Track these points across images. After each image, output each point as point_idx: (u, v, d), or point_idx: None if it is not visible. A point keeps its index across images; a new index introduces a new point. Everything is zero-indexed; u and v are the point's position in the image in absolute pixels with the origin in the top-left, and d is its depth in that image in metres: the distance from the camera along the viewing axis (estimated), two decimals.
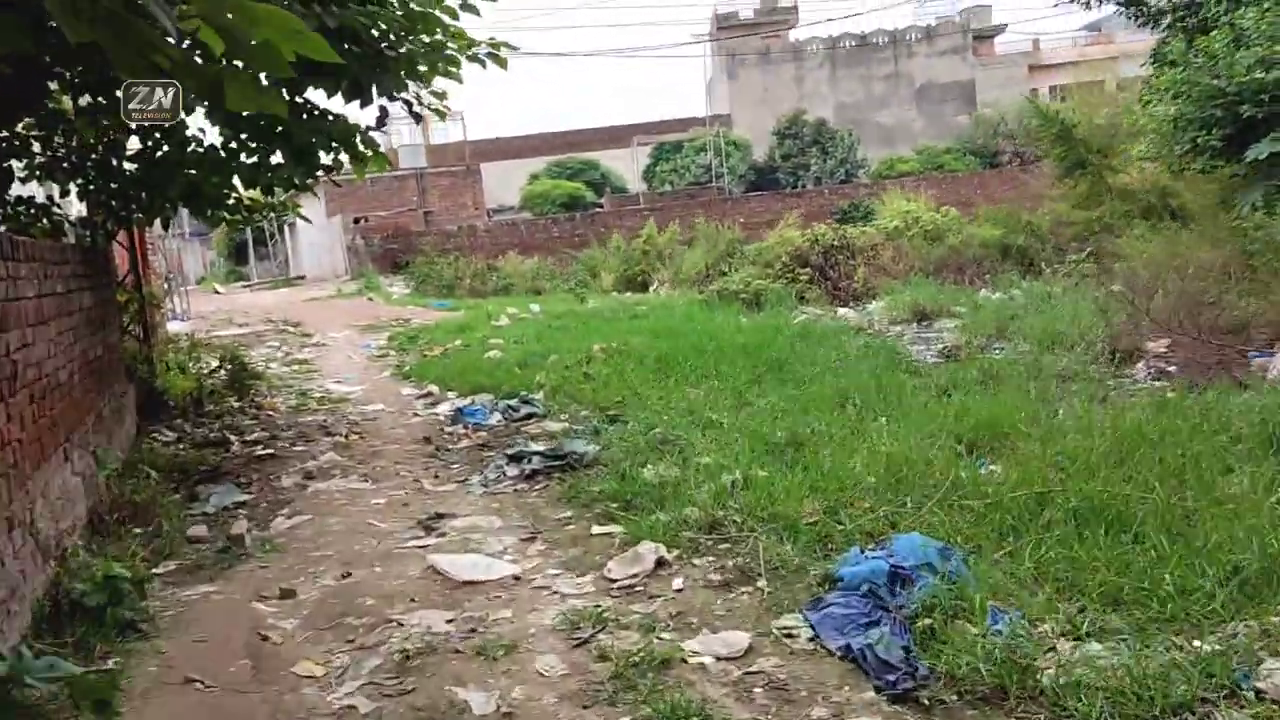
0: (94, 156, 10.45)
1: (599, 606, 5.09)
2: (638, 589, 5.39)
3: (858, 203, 37.90)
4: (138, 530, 6.85)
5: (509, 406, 10.52)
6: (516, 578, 5.72)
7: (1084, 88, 54.72)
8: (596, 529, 6.38)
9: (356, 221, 39.37)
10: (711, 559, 5.68)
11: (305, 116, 8.95)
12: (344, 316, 21.39)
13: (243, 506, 7.74)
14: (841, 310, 15.08)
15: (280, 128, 8.64)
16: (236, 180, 10.11)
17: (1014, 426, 7.00)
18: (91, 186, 10.82)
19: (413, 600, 5.46)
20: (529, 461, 8.00)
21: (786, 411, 8.28)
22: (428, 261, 28.26)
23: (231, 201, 10.96)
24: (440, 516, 7.05)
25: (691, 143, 47.31)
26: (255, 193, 10.99)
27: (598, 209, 42.12)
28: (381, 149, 9.61)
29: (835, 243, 16.58)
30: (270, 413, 11.73)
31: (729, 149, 46.26)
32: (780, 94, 53.62)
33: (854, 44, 54.09)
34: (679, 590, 5.31)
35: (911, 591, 4.59)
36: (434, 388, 12.43)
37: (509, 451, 8.44)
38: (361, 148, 9.01)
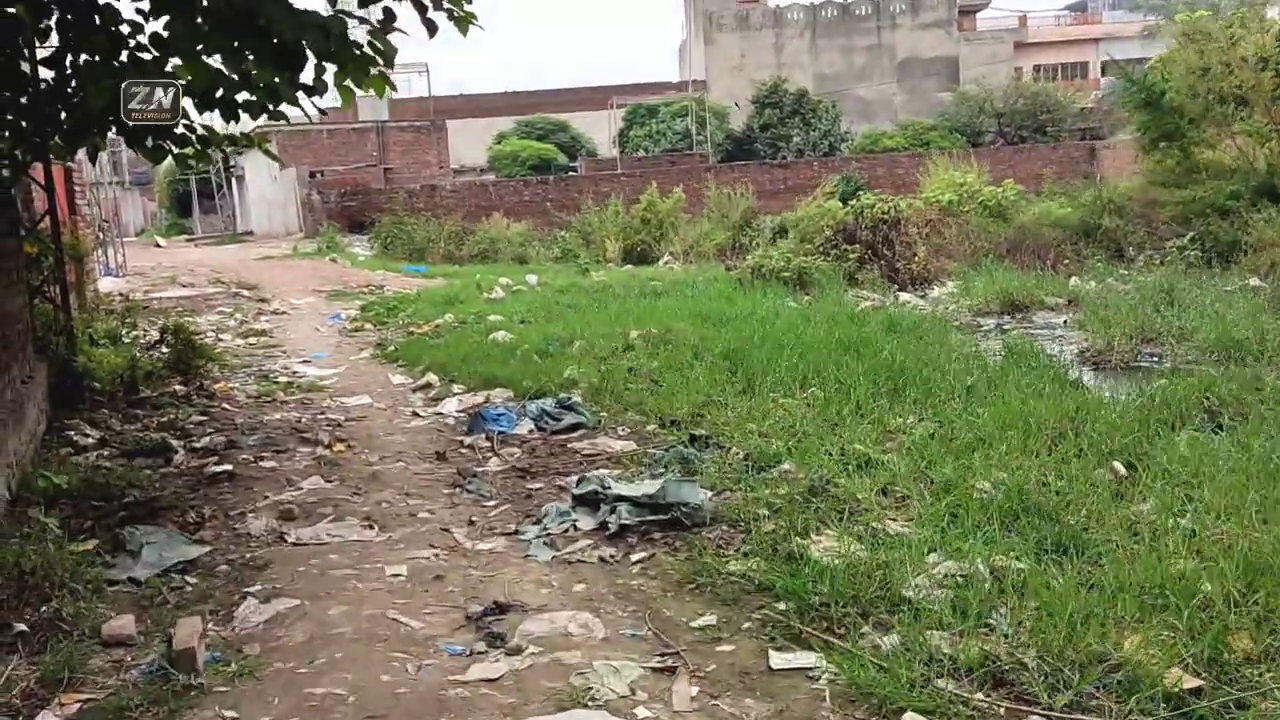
0: None
1: None
2: None
3: (848, 176, 35.64)
4: (19, 626, 4.25)
5: (544, 412, 7.96)
6: None
7: (1069, 68, 53.11)
8: (776, 658, 3.91)
9: (313, 175, 36.21)
10: None
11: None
12: (305, 279, 18.56)
13: (191, 568, 5.15)
14: (904, 296, 12.73)
15: (256, 16, 5.97)
16: (186, 98, 7.50)
17: None
18: None
19: None
20: (613, 510, 5.48)
21: (964, 448, 5.86)
22: (396, 221, 25.35)
23: (179, 130, 8.29)
24: (502, 610, 4.52)
25: (668, 107, 44.61)
26: (210, 118, 8.35)
27: (571, 172, 39.35)
28: (386, 63, 6.98)
29: (885, 216, 14.23)
30: (225, 405, 9.05)
31: (708, 116, 43.67)
32: (758, 61, 51.12)
33: (836, 12, 51.68)
34: None
35: None
36: (432, 377, 9.82)
37: (576, 490, 5.91)
38: (369, 52, 6.39)
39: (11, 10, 6.92)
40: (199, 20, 6.18)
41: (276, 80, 6.24)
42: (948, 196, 15.03)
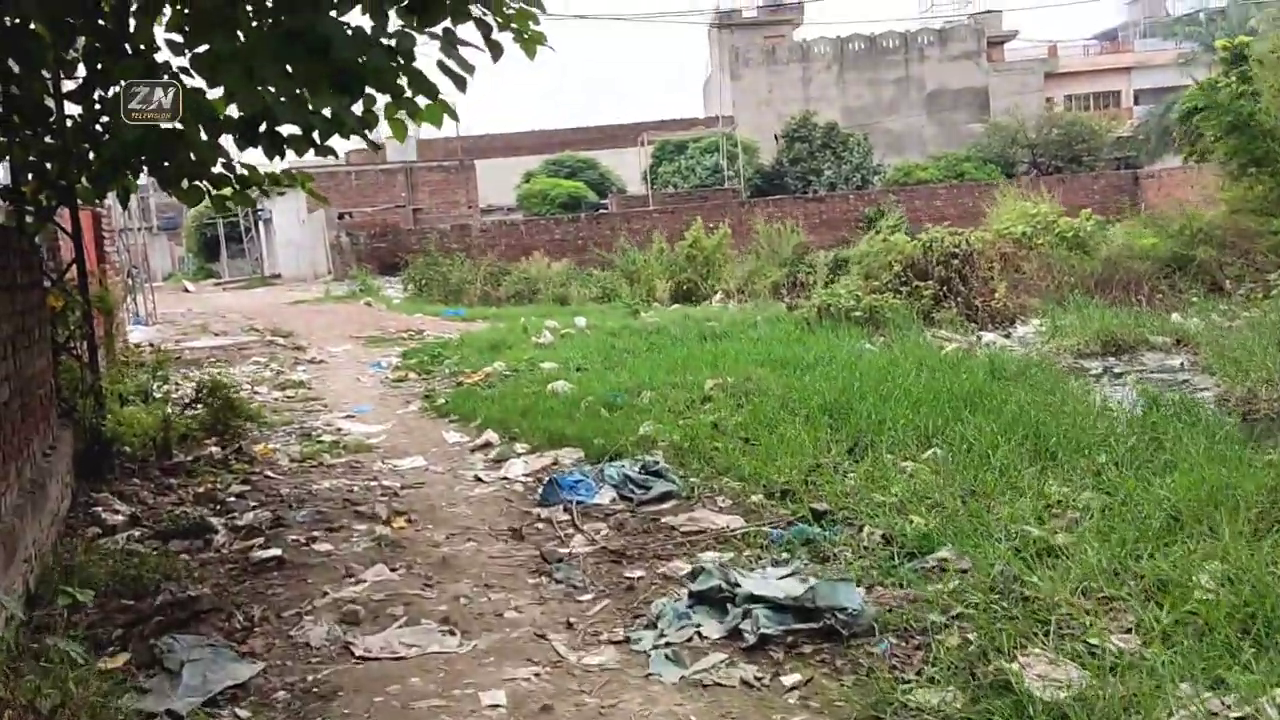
0: (16, 91, 6.92)
1: None
2: None
3: (884, 209, 34.77)
4: None
5: (627, 478, 7.02)
6: None
7: (1101, 97, 52.19)
8: None
9: (341, 217, 35.65)
10: None
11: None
12: (341, 325, 17.74)
13: (242, 693, 4.21)
14: (987, 336, 11.75)
15: (313, 35, 5.12)
16: (226, 134, 6.73)
17: None
18: (17, 140, 7.33)
19: None
20: (746, 614, 4.51)
21: (1160, 531, 4.87)
22: (430, 262, 24.57)
23: (218, 169, 7.53)
24: None
25: (697, 143, 43.91)
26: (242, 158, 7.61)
27: (602, 209, 38.64)
28: (459, 86, 6.11)
29: (957, 249, 13.29)
30: (268, 472, 8.15)
31: (736, 151, 42.94)
32: (785, 95, 50.44)
33: (863, 45, 51.00)
34: None
35: None
36: (491, 435, 8.89)
37: (694, 585, 4.95)
38: (449, 75, 5.54)
39: (34, 28, 6.11)
40: (246, 40, 5.35)
41: (336, 108, 5.36)
42: (1020, 228, 14.06)
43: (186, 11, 6.16)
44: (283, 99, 5.30)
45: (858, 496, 6.02)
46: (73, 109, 7.28)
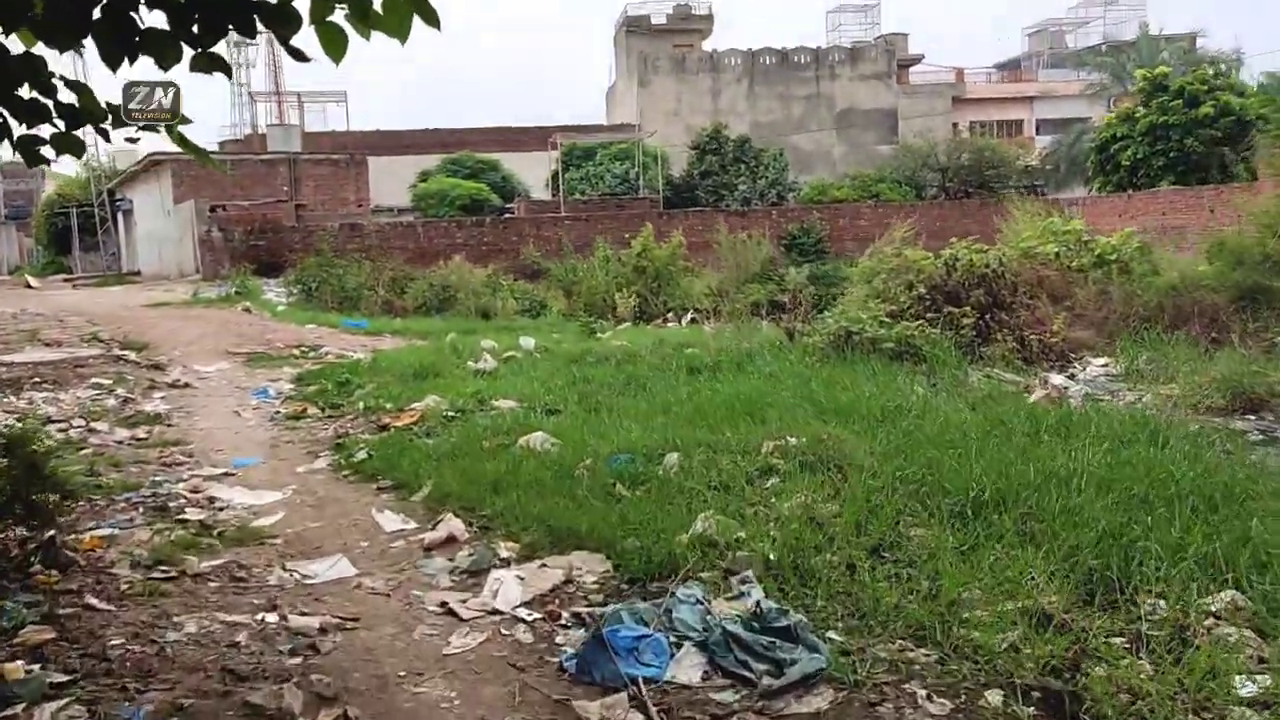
0: None
1: None
2: None
3: (808, 227, 32.60)
4: None
5: (731, 637, 4.06)
6: None
7: (1005, 125, 51.60)
8: None
9: (213, 210, 31.44)
10: None
11: None
12: (214, 336, 14.16)
13: None
14: (1055, 379, 9.23)
15: None
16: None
17: None
18: None
19: None
20: None
21: None
22: (323, 264, 20.93)
23: (25, 90, 4.54)
24: None
25: (606, 150, 41.08)
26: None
27: (508, 213, 35.38)
28: None
29: (988, 270, 10.82)
30: (91, 598, 4.87)
31: (647, 161, 40.29)
32: (694, 106, 48.26)
33: (774, 60, 49.19)
34: None
35: None
36: (454, 522, 5.80)
37: None
38: None
39: None
40: None
41: None
42: (1050, 247, 11.74)
43: None
44: None
45: (1163, 703, 3.24)
46: None
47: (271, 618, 4.61)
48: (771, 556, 4.86)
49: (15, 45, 4.48)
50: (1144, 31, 42.77)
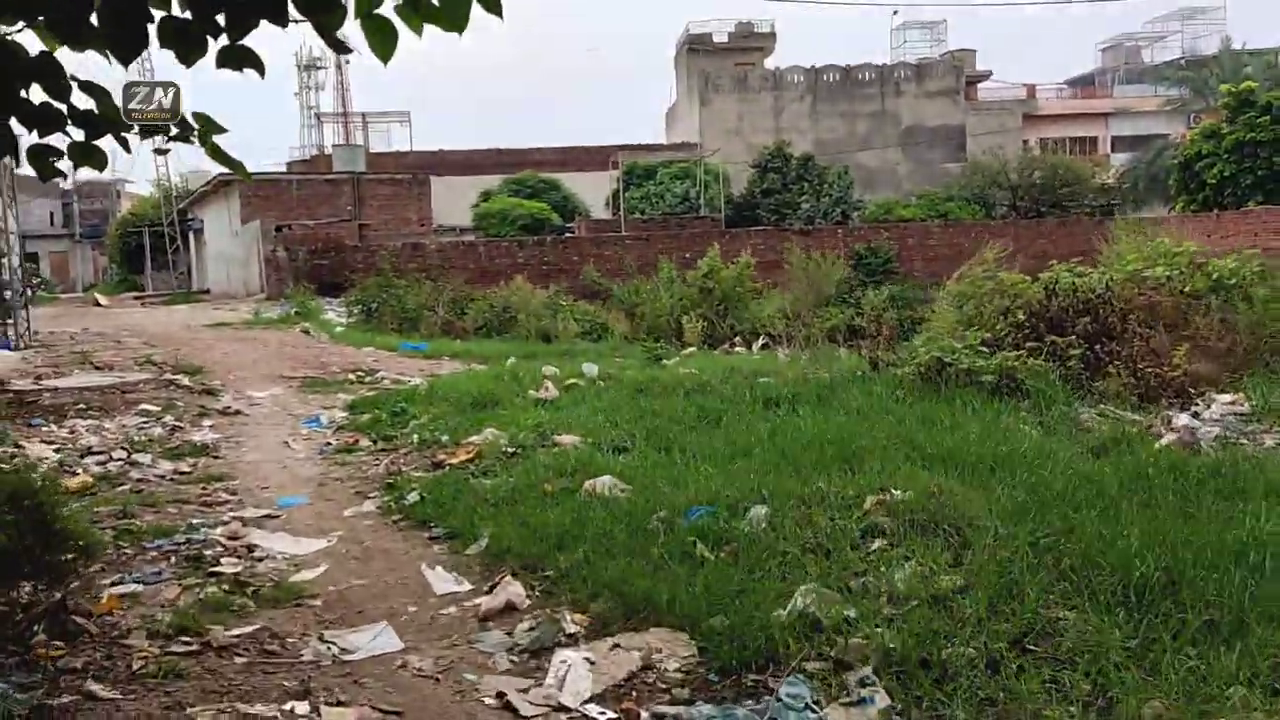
0: None
1: None
2: None
3: (875, 247, 31.55)
4: None
5: None
6: None
7: (1078, 143, 50.01)
8: None
9: (279, 230, 31.37)
10: None
11: None
12: (270, 359, 13.67)
13: None
14: (1180, 419, 8.28)
15: None
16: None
17: None
18: None
19: None
20: None
21: None
22: (383, 284, 20.44)
23: (36, 93, 3.87)
24: None
25: (667, 168, 40.46)
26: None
27: (568, 233, 34.88)
28: None
29: (1095, 296, 9.88)
30: (103, 661, 4.22)
31: (708, 179, 39.60)
32: (756, 124, 47.49)
33: (838, 77, 48.22)
34: None
35: None
36: (514, 587, 5.05)
37: None
38: None
39: None
40: None
41: None
42: (1160, 270, 10.74)
43: None
44: None
45: None
46: None
47: (302, 708, 3.90)
48: (892, 645, 4.03)
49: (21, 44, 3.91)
50: (1226, 45, 41.09)
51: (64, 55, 4.09)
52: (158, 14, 3.36)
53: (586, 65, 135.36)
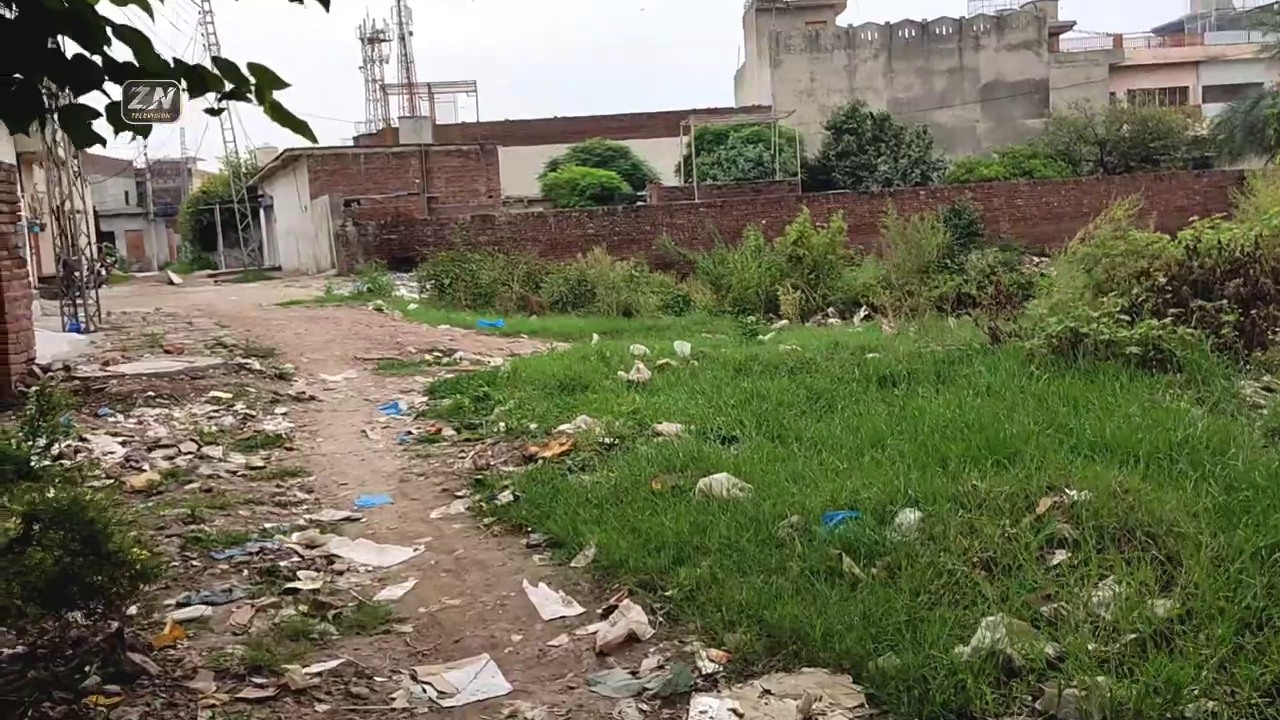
0: None
1: None
2: None
3: (960, 208, 30.15)
4: None
5: None
6: None
7: (1167, 94, 47.59)
8: None
9: (347, 205, 31.02)
10: None
11: None
12: (344, 339, 13.15)
13: None
14: None
15: None
16: None
17: None
18: None
19: None
20: None
21: None
22: (455, 257, 19.80)
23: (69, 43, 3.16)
24: None
25: (738, 132, 39.31)
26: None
27: (640, 202, 34.04)
28: None
29: (1245, 256, 8.83)
30: (164, 710, 3.59)
31: (781, 143, 38.38)
32: (828, 85, 45.98)
33: (914, 33, 46.40)
34: None
35: None
36: (635, 613, 4.32)
37: None
38: None
39: None
40: None
41: None
42: None
43: None
44: None
45: None
46: None
47: None
48: (1123, 698, 3.22)
49: None
50: None
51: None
52: None
53: (645, 29, 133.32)
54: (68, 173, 14.10)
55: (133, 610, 4.48)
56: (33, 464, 6.77)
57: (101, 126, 3.64)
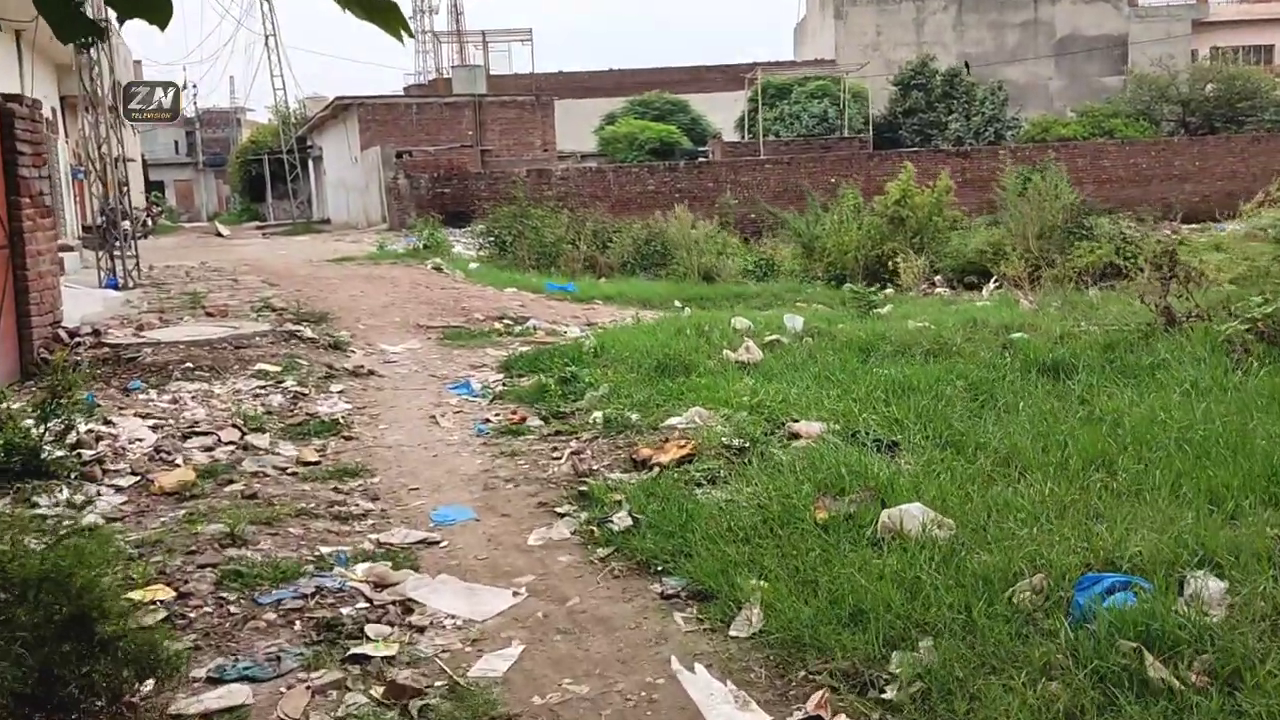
0: None
1: None
2: None
3: (1042, 169, 28.14)
4: None
5: None
6: None
7: (1254, 51, 44.85)
8: None
9: (399, 156, 29.71)
10: None
11: None
12: (403, 303, 11.87)
13: None
14: None
15: None
16: None
17: None
18: None
19: None
20: None
21: None
22: (517, 213, 18.41)
23: None
24: None
25: (802, 87, 37.43)
26: None
27: (701, 157, 32.42)
28: None
29: None
30: None
31: (848, 98, 36.45)
32: (895, 38, 43.86)
33: None
34: None
35: None
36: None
37: None
38: None
39: None
40: None
41: None
42: None
43: None
44: None
45: None
46: None
47: None
48: None
49: None
50: None
51: None
52: None
53: None
54: (105, 114, 12.89)
55: (146, 688, 3.23)
56: (44, 456, 5.61)
57: None
